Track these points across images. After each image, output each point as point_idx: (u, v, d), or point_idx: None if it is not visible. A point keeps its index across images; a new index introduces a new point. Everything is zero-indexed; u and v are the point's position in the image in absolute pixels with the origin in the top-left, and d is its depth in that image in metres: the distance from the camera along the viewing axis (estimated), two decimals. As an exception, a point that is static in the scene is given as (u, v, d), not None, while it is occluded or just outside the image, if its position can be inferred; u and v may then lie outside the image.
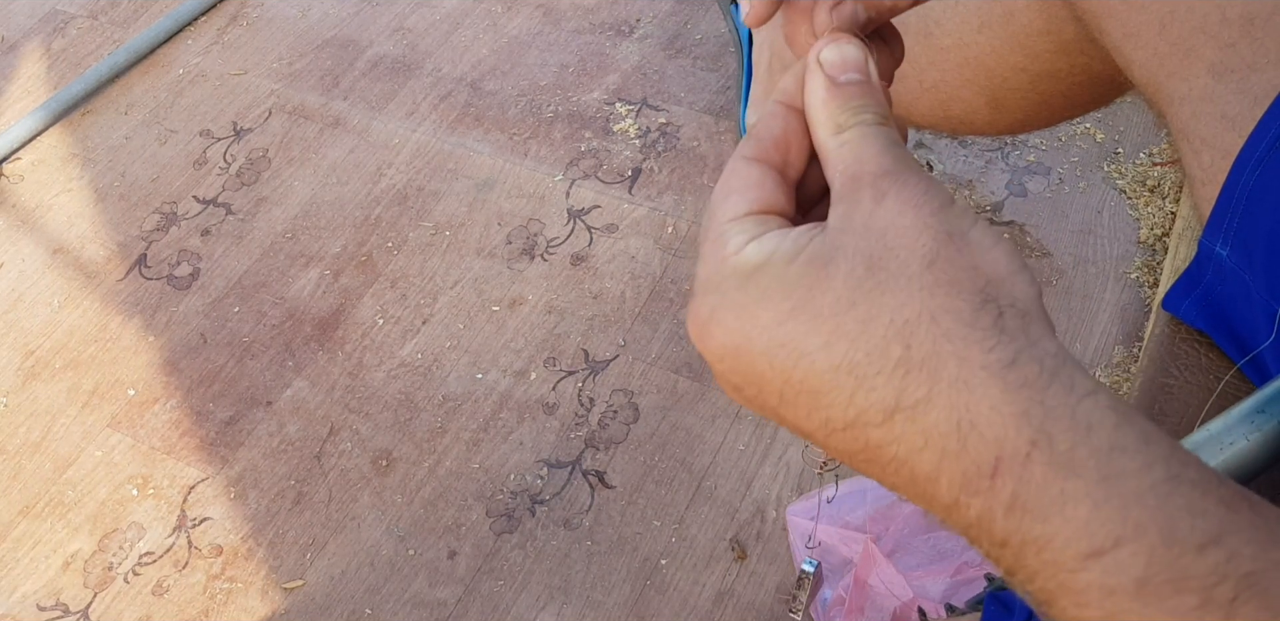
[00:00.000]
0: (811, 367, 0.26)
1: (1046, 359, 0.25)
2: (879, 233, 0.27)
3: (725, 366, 0.28)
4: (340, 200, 1.26)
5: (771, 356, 0.27)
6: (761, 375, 0.27)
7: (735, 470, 1.01)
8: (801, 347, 0.26)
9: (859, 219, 0.27)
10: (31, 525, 1.05)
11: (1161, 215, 1.12)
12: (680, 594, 0.95)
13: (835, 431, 0.27)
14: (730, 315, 0.28)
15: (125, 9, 1.52)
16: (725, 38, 1.36)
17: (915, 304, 0.25)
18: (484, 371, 1.10)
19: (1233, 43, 0.49)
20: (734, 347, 0.28)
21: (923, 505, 0.27)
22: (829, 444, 0.28)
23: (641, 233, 1.19)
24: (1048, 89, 0.67)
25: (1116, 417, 0.24)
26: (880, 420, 0.25)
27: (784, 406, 0.28)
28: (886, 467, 0.26)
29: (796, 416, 0.28)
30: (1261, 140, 0.46)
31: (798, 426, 0.28)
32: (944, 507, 0.26)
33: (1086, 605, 0.23)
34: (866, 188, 0.28)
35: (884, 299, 0.26)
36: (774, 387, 0.27)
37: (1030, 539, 0.23)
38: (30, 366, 1.16)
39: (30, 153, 1.37)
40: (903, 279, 0.26)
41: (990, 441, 0.24)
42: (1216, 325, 0.54)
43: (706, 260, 0.29)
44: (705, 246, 0.30)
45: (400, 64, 1.40)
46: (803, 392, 0.27)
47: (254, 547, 1.01)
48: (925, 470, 0.25)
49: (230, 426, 1.09)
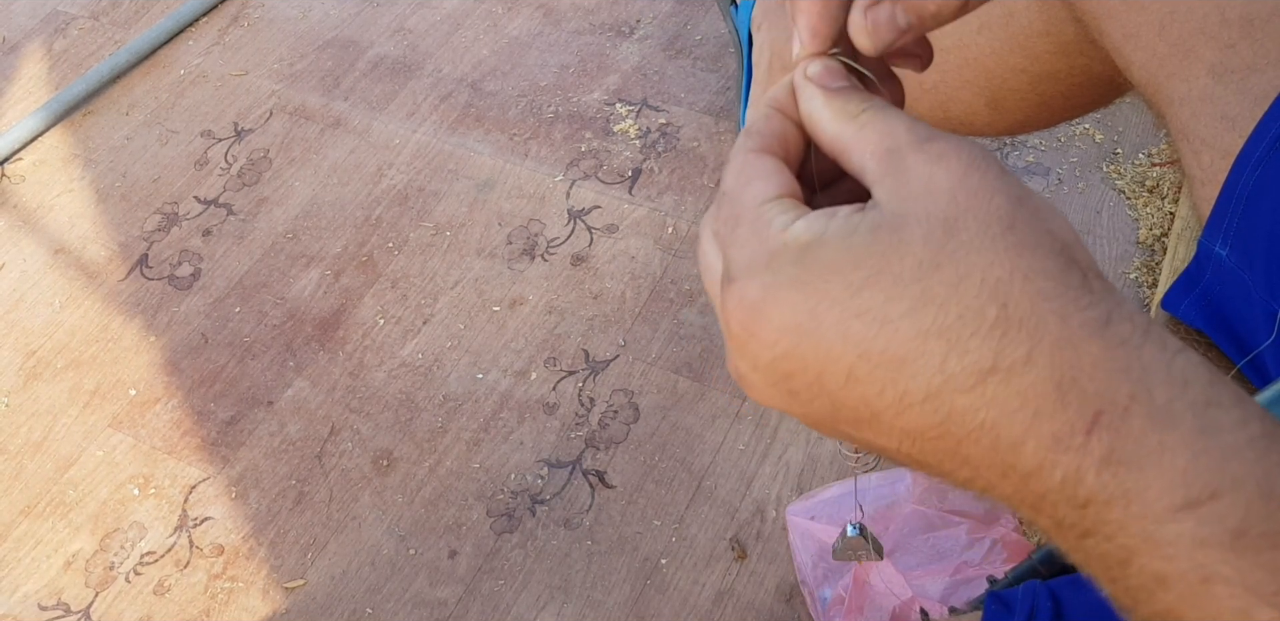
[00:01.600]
0: (895, 335, 0.25)
1: (1137, 317, 0.25)
2: (948, 194, 0.26)
3: (780, 352, 0.26)
4: (341, 200, 1.27)
5: (846, 329, 0.25)
6: (829, 353, 0.26)
7: (735, 470, 1.01)
8: (883, 315, 0.25)
9: (918, 184, 0.26)
10: (33, 525, 1.05)
11: (1160, 215, 1.13)
12: (680, 593, 0.95)
13: (912, 405, 0.25)
14: (792, 292, 0.26)
15: (126, 10, 1.52)
16: (725, 38, 1.36)
17: (1005, 263, 0.25)
18: (484, 371, 1.10)
19: (1232, 44, 0.49)
20: (797, 326, 0.26)
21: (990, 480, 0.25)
22: (897, 423, 0.26)
23: (642, 233, 1.19)
24: (1047, 90, 0.67)
25: (1209, 374, 0.24)
26: (971, 384, 0.24)
27: (850, 387, 0.26)
28: (964, 440, 0.25)
29: (865, 396, 0.26)
30: (1261, 141, 0.46)
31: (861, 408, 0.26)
32: (1021, 476, 0.24)
33: (1174, 557, 0.22)
34: (913, 154, 0.27)
35: (971, 259, 0.25)
36: (842, 367, 0.26)
37: (1120, 492, 0.23)
38: (32, 366, 1.16)
39: (32, 153, 1.37)
40: (986, 239, 0.25)
41: (1091, 396, 0.23)
42: (1216, 325, 0.54)
43: (745, 243, 0.28)
44: (740, 230, 0.28)
45: (401, 65, 1.40)
46: (880, 365, 0.25)
47: (255, 547, 1.01)
48: (1013, 434, 0.24)
49: (231, 426, 1.09)
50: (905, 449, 0.26)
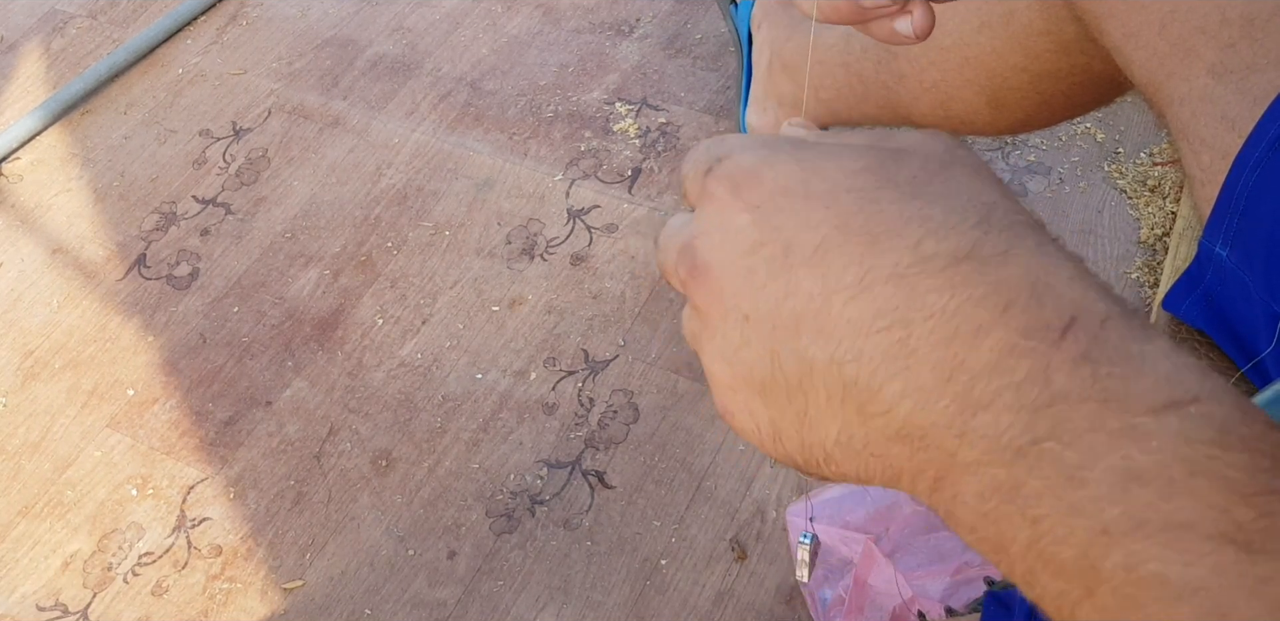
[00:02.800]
0: (879, 214, 0.25)
1: None
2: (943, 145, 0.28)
3: (758, 215, 0.27)
4: (340, 200, 1.26)
5: (834, 199, 0.26)
6: (809, 219, 0.26)
7: (735, 470, 1.01)
8: (872, 196, 0.26)
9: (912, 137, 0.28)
10: (31, 525, 1.05)
11: (1162, 215, 1.12)
12: (680, 594, 0.95)
13: (873, 285, 0.24)
14: (789, 161, 0.27)
15: (124, 8, 1.52)
16: (725, 38, 1.36)
17: (992, 193, 0.26)
18: (484, 371, 1.10)
19: (1232, 43, 0.49)
20: (785, 189, 0.26)
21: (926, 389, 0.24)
22: (846, 311, 0.25)
23: (641, 232, 1.19)
24: (1048, 89, 0.67)
25: None
26: (942, 267, 0.24)
27: (814, 259, 0.25)
28: (917, 328, 0.24)
29: (826, 272, 0.25)
30: (1260, 141, 0.46)
31: (815, 289, 0.25)
32: (970, 375, 0.23)
33: (1157, 451, 0.22)
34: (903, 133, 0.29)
35: (964, 182, 0.26)
36: (816, 236, 0.25)
37: (1098, 390, 0.22)
38: (29, 366, 1.16)
39: (29, 152, 1.37)
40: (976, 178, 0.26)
41: (1067, 302, 0.23)
42: (1217, 325, 0.54)
43: (734, 139, 0.29)
44: (729, 137, 0.30)
45: (400, 64, 1.40)
46: (852, 240, 0.25)
47: (253, 548, 1.01)
48: (975, 322, 0.23)
49: (229, 426, 1.09)
50: (838, 355, 0.25)
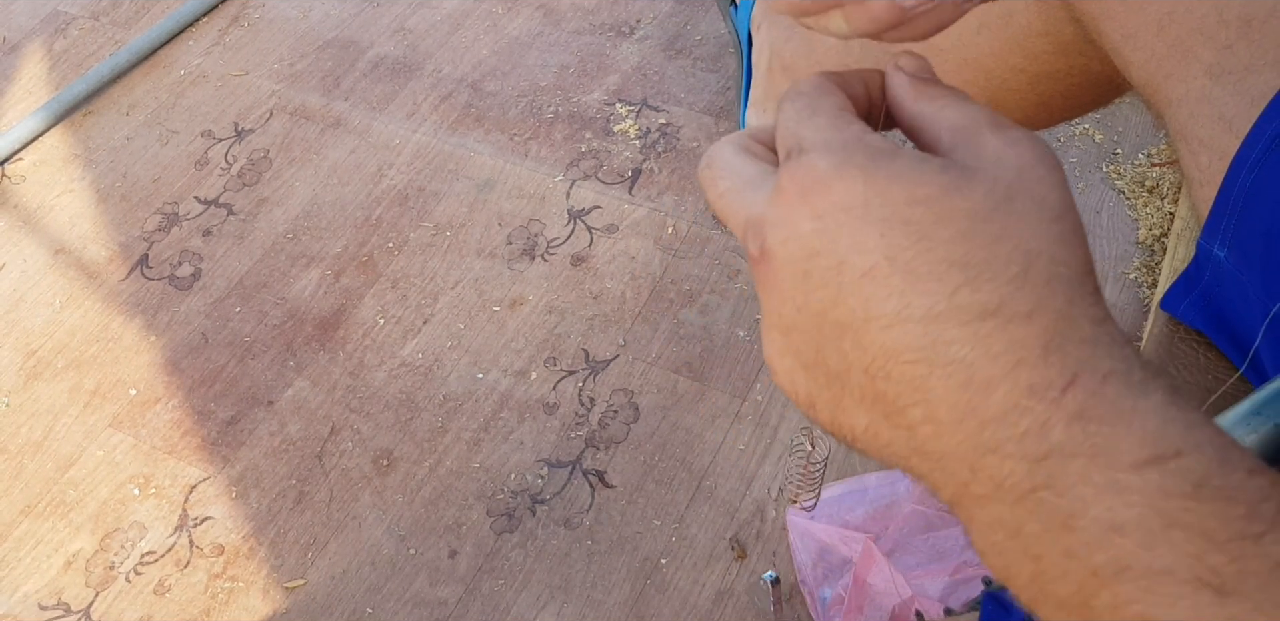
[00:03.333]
0: (926, 253, 0.26)
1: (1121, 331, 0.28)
2: (1015, 171, 0.28)
3: (821, 225, 0.27)
4: (341, 200, 1.27)
5: (888, 228, 0.27)
6: (862, 243, 0.27)
7: (735, 470, 1.01)
8: (925, 232, 0.26)
9: (991, 153, 0.28)
10: (33, 524, 1.05)
11: (1160, 215, 1.13)
12: (680, 593, 0.95)
13: (907, 321, 0.26)
14: (859, 176, 0.27)
15: (127, 10, 1.52)
16: (725, 38, 1.36)
17: (1042, 241, 0.27)
18: (484, 371, 1.10)
19: (1230, 44, 0.49)
20: (848, 207, 0.27)
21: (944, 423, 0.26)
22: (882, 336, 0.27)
23: (642, 233, 1.19)
24: (1046, 90, 0.67)
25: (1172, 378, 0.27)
26: (969, 319, 0.26)
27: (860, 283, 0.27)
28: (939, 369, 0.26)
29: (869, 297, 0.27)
30: (1258, 142, 0.46)
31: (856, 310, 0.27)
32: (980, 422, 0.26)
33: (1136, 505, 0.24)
34: (991, 133, 0.29)
35: (1017, 226, 0.27)
36: (866, 261, 0.27)
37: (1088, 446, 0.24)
38: (32, 366, 1.16)
39: (32, 153, 1.37)
40: (1034, 217, 0.27)
41: (1072, 361, 0.26)
42: (1215, 326, 0.54)
43: (822, 128, 0.29)
44: (819, 119, 0.29)
45: (401, 65, 1.40)
46: (899, 273, 0.26)
47: (255, 547, 1.01)
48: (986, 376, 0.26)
49: (231, 426, 1.09)
50: (872, 370, 0.27)
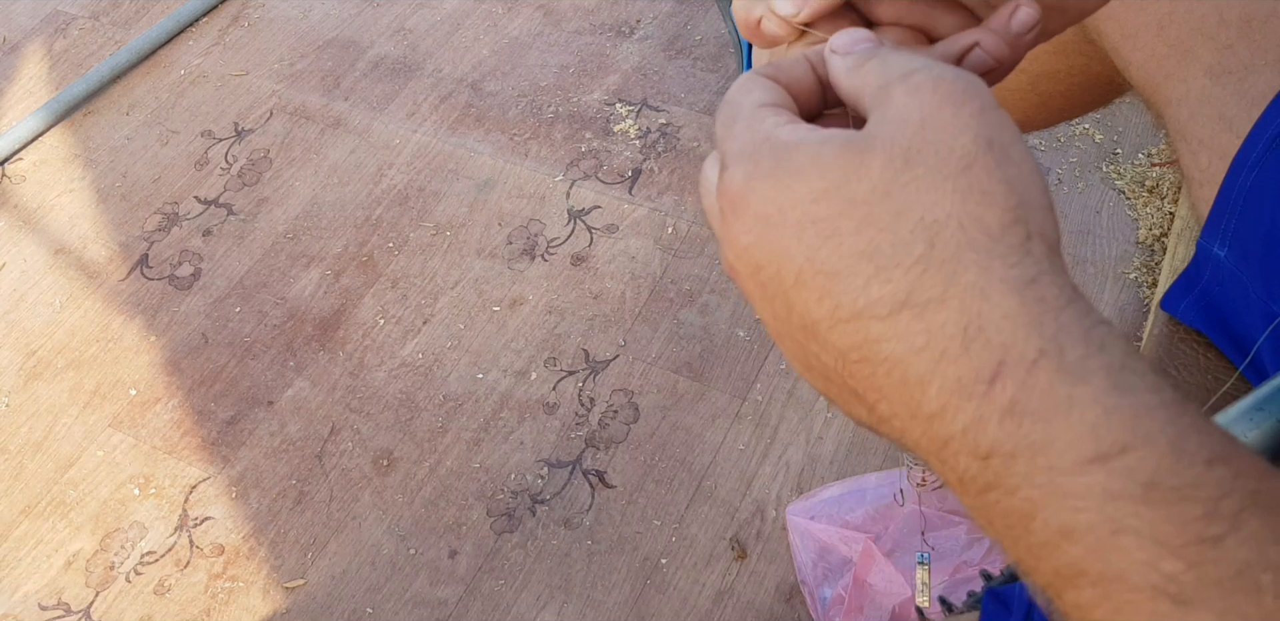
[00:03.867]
0: (837, 249, 0.26)
1: (1065, 287, 0.25)
2: (917, 124, 0.26)
3: (753, 238, 0.28)
4: (341, 200, 1.27)
5: (801, 231, 0.26)
6: (787, 250, 0.27)
7: (735, 470, 1.01)
8: (832, 227, 0.26)
9: (893, 112, 0.27)
10: (33, 524, 1.05)
11: (1160, 215, 1.13)
12: (680, 593, 0.95)
13: (841, 321, 0.26)
14: (766, 185, 0.27)
15: (127, 10, 1.52)
16: (725, 38, 1.36)
17: (946, 205, 0.25)
18: (484, 371, 1.10)
19: (1230, 44, 0.49)
20: (765, 217, 0.27)
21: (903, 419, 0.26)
22: (831, 336, 0.27)
23: (641, 233, 1.19)
24: (1046, 89, 0.67)
25: (1126, 345, 0.24)
26: (886, 313, 0.25)
27: (798, 288, 0.27)
28: (879, 367, 0.25)
29: (807, 301, 0.27)
30: (1258, 142, 0.46)
31: (806, 313, 0.27)
32: (927, 417, 0.25)
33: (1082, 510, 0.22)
34: (897, 85, 0.27)
35: (917, 195, 0.25)
36: (793, 266, 0.27)
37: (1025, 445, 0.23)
38: (32, 366, 1.16)
39: (32, 153, 1.37)
40: (938, 177, 0.25)
41: (996, 346, 0.24)
42: (1215, 326, 0.54)
43: (738, 136, 0.29)
44: (737, 125, 0.30)
45: (401, 65, 1.40)
46: (820, 274, 0.26)
47: (255, 547, 1.01)
48: (918, 371, 0.25)
49: (231, 426, 1.09)
50: (840, 369, 0.27)
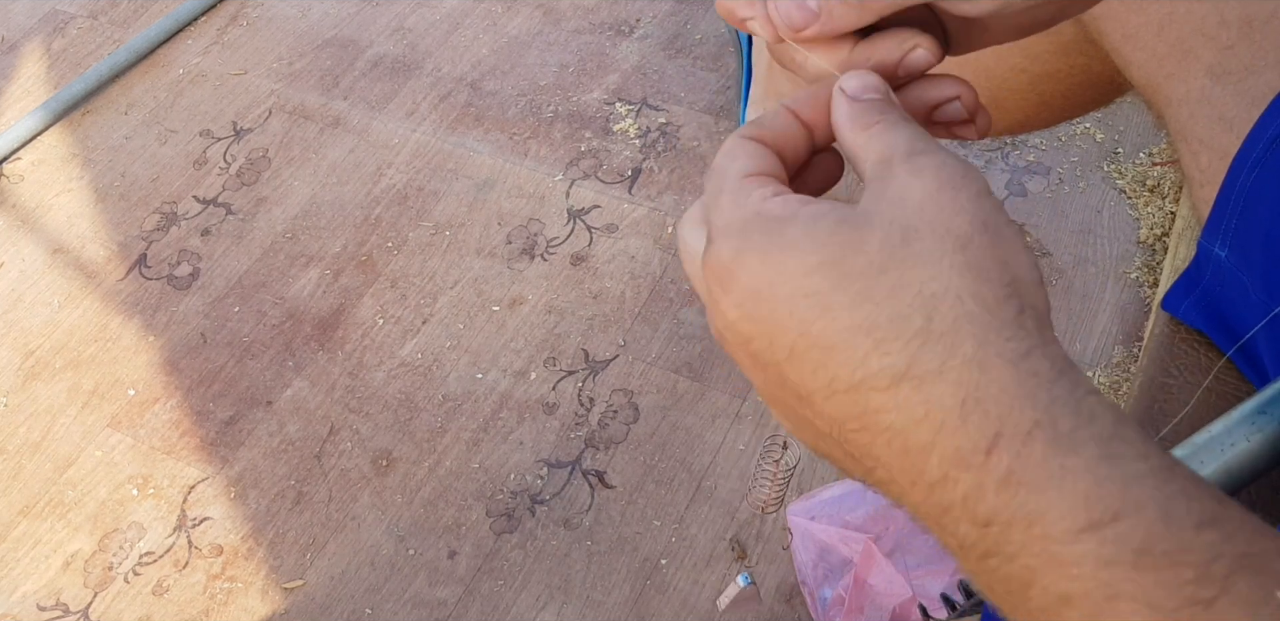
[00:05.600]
0: (832, 323, 0.26)
1: (1057, 360, 0.26)
2: (916, 206, 0.27)
3: (742, 313, 0.28)
4: (340, 200, 1.27)
5: (794, 305, 0.27)
6: (779, 324, 0.27)
7: (735, 470, 1.01)
8: (826, 301, 0.26)
9: (894, 191, 0.27)
10: (32, 525, 1.05)
11: (1161, 215, 1.13)
12: (680, 593, 0.95)
13: (837, 392, 0.26)
14: (756, 259, 0.27)
15: (125, 9, 1.52)
16: (725, 38, 1.36)
17: (944, 280, 0.26)
18: (484, 371, 1.10)
19: (1231, 45, 0.49)
20: (755, 292, 0.27)
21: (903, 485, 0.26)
22: (827, 406, 0.27)
23: (641, 233, 1.19)
24: (1047, 89, 0.67)
25: (1116, 414, 0.25)
26: (885, 385, 0.25)
27: (791, 361, 0.27)
28: (879, 437, 0.26)
29: (801, 373, 0.27)
30: (1258, 142, 0.46)
31: (800, 384, 0.27)
32: (928, 485, 0.25)
33: (1079, 578, 0.23)
34: (900, 164, 0.28)
35: (915, 271, 0.26)
36: (786, 340, 0.27)
37: (1021, 514, 0.24)
38: (30, 366, 1.16)
39: (30, 152, 1.37)
40: (935, 254, 0.26)
41: (993, 418, 0.24)
42: (1215, 326, 0.54)
43: (724, 208, 0.29)
44: (723, 198, 0.29)
45: (400, 64, 1.40)
46: (815, 347, 0.26)
47: (254, 547, 1.01)
48: (919, 441, 0.25)
49: (230, 426, 1.09)
50: (835, 435, 0.27)
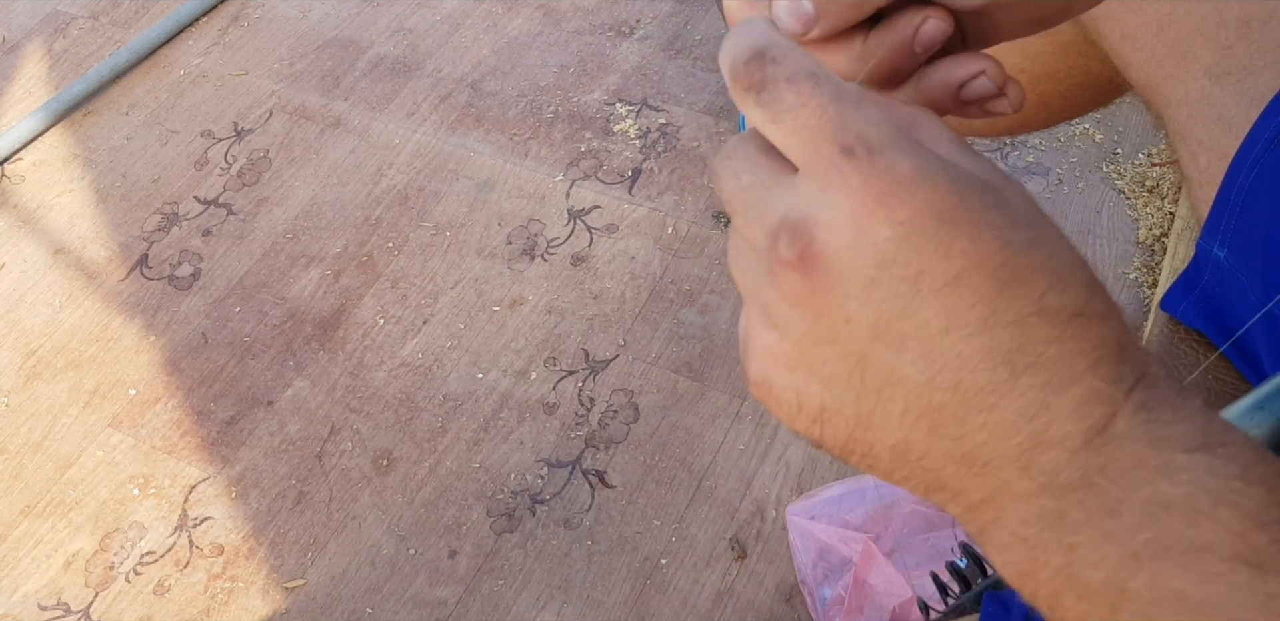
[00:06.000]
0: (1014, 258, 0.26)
1: None
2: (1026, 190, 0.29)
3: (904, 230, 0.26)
4: (341, 200, 1.27)
5: (977, 232, 0.26)
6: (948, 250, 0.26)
7: (735, 470, 1.01)
8: (1008, 237, 0.26)
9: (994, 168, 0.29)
10: (33, 525, 1.05)
11: (1160, 215, 1.13)
12: (680, 593, 0.95)
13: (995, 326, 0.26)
14: (945, 182, 0.26)
15: (126, 9, 1.52)
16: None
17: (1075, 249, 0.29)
18: (484, 371, 1.10)
19: (1230, 45, 0.49)
20: (937, 213, 0.25)
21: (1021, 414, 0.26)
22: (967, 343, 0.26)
23: (641, 233, 1.19)
24: (1046, 90, 0.67)
25: None
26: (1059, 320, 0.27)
27: (944, 291, 0.26)
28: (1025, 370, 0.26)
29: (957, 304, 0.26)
30: (1257, 142, 0.46)
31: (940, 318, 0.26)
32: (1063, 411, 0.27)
33: (1186, 483, 0.26)
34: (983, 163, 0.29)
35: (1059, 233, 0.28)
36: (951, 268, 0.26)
37: (1146, 431, 0.26)
38: (32, 366, 1.16)
39: (32, 153, 1.37)
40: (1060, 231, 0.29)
41: (1139, 361, 0.27)
42: (1214, 326, 0.54)
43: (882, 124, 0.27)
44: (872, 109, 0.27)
45: (401, 64, 1.40)
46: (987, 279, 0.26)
47: (255, 547, 1.01)
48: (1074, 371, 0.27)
49: (231, 426, 1.09)
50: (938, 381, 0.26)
